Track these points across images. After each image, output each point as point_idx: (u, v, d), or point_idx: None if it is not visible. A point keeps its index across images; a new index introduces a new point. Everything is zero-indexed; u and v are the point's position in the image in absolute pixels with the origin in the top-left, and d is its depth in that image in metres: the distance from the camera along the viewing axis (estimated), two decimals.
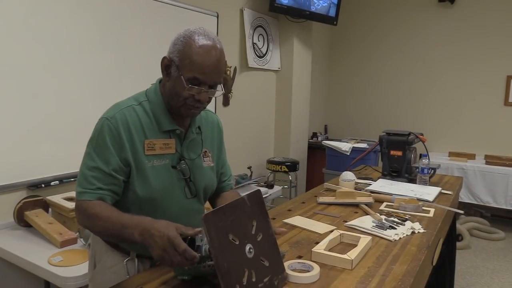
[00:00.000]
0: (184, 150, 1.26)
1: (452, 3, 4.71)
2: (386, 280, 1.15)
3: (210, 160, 1.35)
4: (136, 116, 1.18)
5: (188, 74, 1.12)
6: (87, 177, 1.14)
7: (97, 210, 1.11)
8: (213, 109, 3.53)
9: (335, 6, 4.32)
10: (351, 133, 5.28)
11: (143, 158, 1.18)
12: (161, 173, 1.21)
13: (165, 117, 1.21)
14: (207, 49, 1.12)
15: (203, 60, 1.11)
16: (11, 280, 2.04)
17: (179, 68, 1.13)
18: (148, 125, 1.19)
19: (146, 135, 1.18)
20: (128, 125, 1.16)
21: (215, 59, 1.13)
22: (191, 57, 1.11)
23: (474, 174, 4.18)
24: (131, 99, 1.23)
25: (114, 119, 1.15)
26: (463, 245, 3.78)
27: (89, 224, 1.13)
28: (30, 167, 2.17)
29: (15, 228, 2.02)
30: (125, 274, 1.24)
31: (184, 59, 1.12)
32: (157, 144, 1.19)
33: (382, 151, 2.45)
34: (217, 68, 1.15)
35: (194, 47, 1.12)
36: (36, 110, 2.17)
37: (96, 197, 1.13)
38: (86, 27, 2.38)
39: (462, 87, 4.79)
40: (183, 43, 1.13)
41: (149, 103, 1.21)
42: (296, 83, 4.40)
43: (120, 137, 1.15)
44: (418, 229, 1.58)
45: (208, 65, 1.12)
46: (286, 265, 1.17)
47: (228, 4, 3.63)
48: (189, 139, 1.27)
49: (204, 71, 1.12)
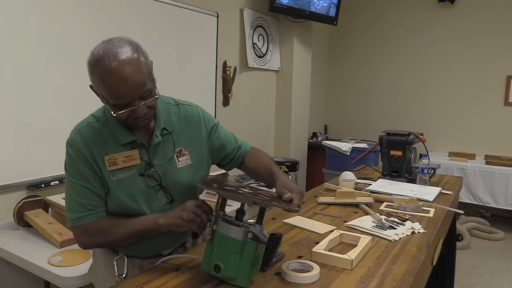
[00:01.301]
0: (151, 157, 1.22)
1: (452, 3, 4.71)
2: (386, 280, 1.15)
3: (188, 158, 1.29)
4: (94, 133, 1.17)
5: (110, 101, 1.08)
6: (79, 202, 1.16)
7: (109, 223, 1.18)
8: (213, 109, 3.53)
9: (335, 6, 4.32)
10: (351, 133, 5.28)
11: (107, 174, 1.17)
12: (128, 183, 1.19)
13: (122, 130, 1.18)
14: (112, 74, 1.03)
15: (112, 88, 1.04)
16: (11, 280, 2.04)
17: (102, 96, 1.10)
18: (108, 141, 1.17)
19: (106, 151, 1.16)
20: (87, 144, 1.15)
21: (124, 80, 1.03)
22: (103, 87, 1.05)
23: (474, 174, 4.18)
24: (90, 117, 1.22)
25: (75, 141, 1.16)
26: (463, 245, 3.78)
27: (105, 238, 1.18)
28: (30, 167, 2.17)
29: (15, 228, 2.02)
30: (114, 271, 1.27)
31: (100, 90, 1.07)
32: (119, 158, 1.17)
33: (382, 151, 2.45)
34: (131, 86, 1.05)
35: (101, 76, 1.04)
36: (36, 110, 2.17)
37: (98, 217, 1.17)
38: (86, 27, 2.38)
39: (462, 87, 4.79)
40: (92, 71, 1.07)
41: (106, 118, 1.19)
42: (296, 83, 4.40)
43: (85, 157, 1.15)
44: (418, 229, 1.58)
45: (120, 90, 1.04)
46: (286, 265, 1.17)
47: (228, 4, 3.63)
48: (155, 145, 1.22)
49: (120, 96, 1.05)
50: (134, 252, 1.30)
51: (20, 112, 2.11)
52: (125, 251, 1.29)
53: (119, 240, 1.19)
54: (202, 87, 3.37)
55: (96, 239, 1.18)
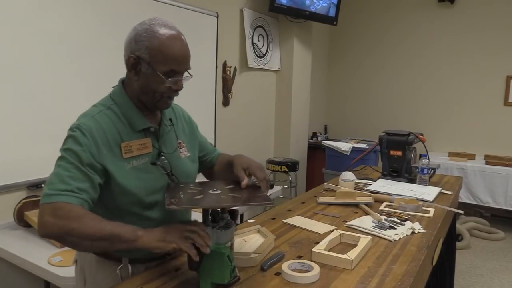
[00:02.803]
0: (161, 146, 1.24)
1: (452, 3, 4.71)
2: (386, 280, 1.15)
3: (186, 150, 1.33)
4: (108, 120, 1.15)
5: (164, 68, 1.11)
6: (66, 182, 1.02)
7: (85, 212, 1.02)
8: (213, 108, 3.53)
9: (335, 6, 4.32)
10: (351, 133, 5.28)
11: (122, 162, 1.15)
12: (142, 171, 1.18)
13: (137, 116, 1.19)
14: (175, 38, 1.12)
15: (175, 51, 1.11)
16: (11, 280, 2.04)
17: (151, 64, 1.11)
18: (121, 128, 1.17)
19: (122, 138, 1.16)
20: (103, 131, 1.12)
21: (185, 46, 1.14)
22: (163, 51, 1.10)
23: (474, 174, 4.18)
24: (99, 106, 1.20)
25: (87, 126, 1.11)
26: (463, 245, 3.78)
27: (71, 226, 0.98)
28: (30, 167, 2.17)
29: (15, 228, 2.02)
30: (119, 281, 1.20)
31: (156, 55, 1.10)
32: (134, 145, 1.17)
33: (382, 151, 2.45)
34: (188, 54, 1.16)
35: (164, 40, 1.10)
36: (36, 110, 2.17)
37: (78, 202, 1.01)
38: (85, 27, 2.38)
39: (462, 87, 4.79)
40: (148, 39, 1.11)
41: (117, 106, 1.19)
42: (296, 83, 4.41)
43: (96, 143, 1.10)
44: (418, 229, 1.58)
45: (181, 54, 1.13)
46: (286, 265, 1.17)
47: (228, 4, 3.63)
48: (164, 134, 1.26)
49: (179, 61, 1.13)
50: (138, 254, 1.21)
51: (20, 112, 2.11)
52: (129, 254, 1.22)
53: (84, 235, 0.99)
54: (202, 87, 3.37)
55: (60, 223, 0.98)
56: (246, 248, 1.30)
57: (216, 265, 1.03)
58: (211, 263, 1.03)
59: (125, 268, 1.22)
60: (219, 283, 1.04)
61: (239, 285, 1.09)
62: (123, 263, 1.22)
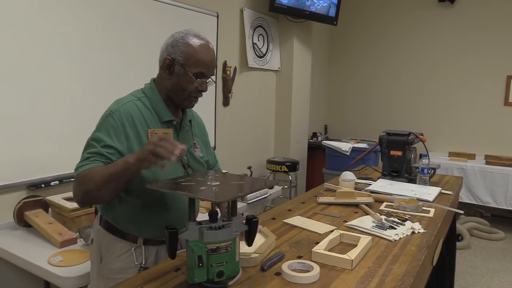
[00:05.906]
0: (180, 140, 1.37)
1: (452, 3, 4.71)
2: (386, 280, 1.15)
3: (200, 151, 1.49)
4: (137, 109, 1.32)
5: (195, 70, 1.30)
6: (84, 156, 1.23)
7: (91, 169, 1.19)
8: (213, 109, 3.53)
9: (335, 6, 4.32)
10: (351, 133, 5.28)
11: None
12: None
13: (164, 109, 1.36)
14: (205, 47, 1.34)
15: (205, 57, 1.32)
16: (11, 280, 2.04)
17: (184, 66, 1.30)
18: (149, 117, 1.33)
19: (148, 125, 1.31)
20: (132, 118, 1.29)
21: (213, 54, 1.37)
22: (196, 55, 1.30)
23: (474, 174, 4.18)
24: (130, 96, 1.36)
25: (118, 112, 1.28)
26: (463, 245, 3.78)
27: (85, 185, 1.17)
28: (30, 167, 2.17)
29: (15, 228, 2.02)
30: (133, 260, 1.33)
31: (190, 58, 1.30)
32: (158, 133, 1.31)
33: (382, 151, 2.45)
34: (215, 61, 1.38)
35: (196, 47, 1.31)
36: (36, 110, 2.17)
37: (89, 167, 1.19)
38: (86, 27, 2.38)
39: (462, 87, 4.79)
40: (184, 45, 1.31)
41: (148, 99, 1.36)
42: (296, 83, 4.41)
43: (125, 129, 1.26)
44: (418, 229, 1.58)
45: (210, 60, 1.33)
46: (286, 265, 1.17)
47: (228, 4, 3.63)
48: (184, 130, 1.42)
49: (207, 65, 1.33)
50: (149, 234, 1.34)
51: (20, 112, 2.11)
52: (141, 233, 1.34)
53: (97, 188, 1.16)
54: None
55: (79, 189, 1.19)
56: (247, 248, 1.30)
57: (188, 261, 1.05)
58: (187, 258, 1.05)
59: (139, 248, 1.34)
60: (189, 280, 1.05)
61: (239, 285, 1.10)
62: (138, 243, 1.35)
